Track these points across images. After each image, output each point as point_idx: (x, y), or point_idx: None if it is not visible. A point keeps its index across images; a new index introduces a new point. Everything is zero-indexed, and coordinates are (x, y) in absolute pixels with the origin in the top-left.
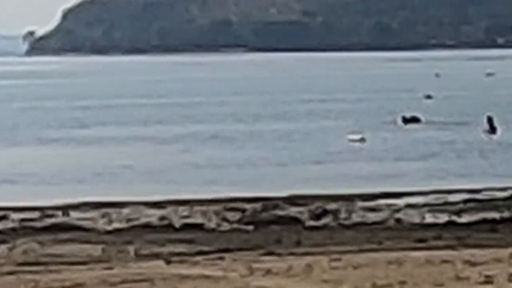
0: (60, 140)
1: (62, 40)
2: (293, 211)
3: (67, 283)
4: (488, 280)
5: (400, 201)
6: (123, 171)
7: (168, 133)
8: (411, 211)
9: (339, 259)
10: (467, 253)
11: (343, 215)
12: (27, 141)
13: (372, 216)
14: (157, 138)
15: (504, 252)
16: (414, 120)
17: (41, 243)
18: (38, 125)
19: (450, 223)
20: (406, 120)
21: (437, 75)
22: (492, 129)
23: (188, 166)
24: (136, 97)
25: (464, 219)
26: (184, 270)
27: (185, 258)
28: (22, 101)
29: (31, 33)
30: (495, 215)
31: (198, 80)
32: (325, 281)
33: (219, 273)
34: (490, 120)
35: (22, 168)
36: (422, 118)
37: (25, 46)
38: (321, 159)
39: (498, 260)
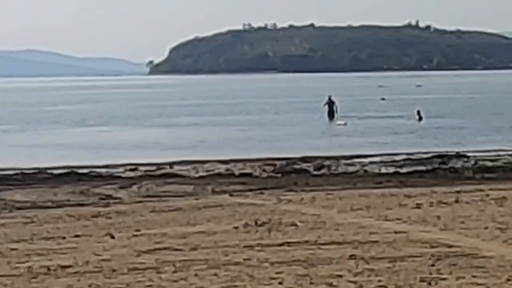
0: (163, 125)
1: (169, 66)
2: (304, 165)
3: (172, 208)
4: (418, 206)
5: (366, 160)
6: (202, 143)
7: (230, 121)
8: (373, 165)
9: (331, 194)
10: (406, 190)
11: (333, 168)
12: (144, 126)
13: (350, 169)
14: (224, 123)
15: (427, 190)
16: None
17: (157, 184)
18: (151, 116)
19: (396, 173)
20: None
21: (383, 86)
22: (420, 118)
23: (242, 139)
24: (210, 98)
25: (404, 170)
26: (240, 199)
27: (241, 193)
28: (142, 102)
29: (151, 62)
30: (422, 168)
31: (248, 89)
32: (323, 206)
33: (261, 202)
34: (418, 112)
35: (143, 141)
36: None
37: (147, 70)
38: (320, 135)
39: (423, 194)
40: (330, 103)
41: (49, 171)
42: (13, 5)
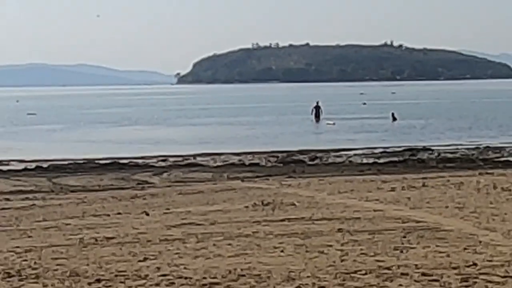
0: (188, 124)
1: (192, 77)
2: (301, 157)
3: (194, 191)
4: (392, 189)
5: (351, 152)
6: (218, 138)
7: (241, 121)
8: (356, 157)
9: (322, 179)
10: (382, 177)
11: (324, 159)
12: (172, 125)
13: (338, 159)
14: (237, 123)
15: (399, 176)
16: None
17: (183, 172)
18: (178, 117)
19: (375, 163)
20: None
21: (364, 93)
22: (394, 119)
23: (250, 136)
24: (225, 103)
25: (381, 160)
26: (249, 184)
27: (250, 179)
28: (171, 106)
29: (178, 73)
30: (396, 159)
31: (255, 96)
32: (316, 190)
33: (266, 186)
34: (393, 114)
35: (171, 137)
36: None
37: (175, 80)
38: (314, 132)
39: (397, 180)
40: (317, 107)
41: (96, 161)
42: (67, 25)
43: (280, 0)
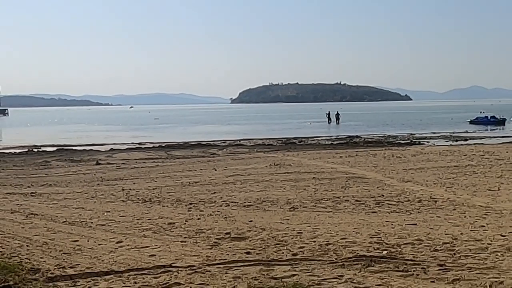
0: (236, 124)
1: (239, 100)
2: (293, 140)
3: (239, 158)
4: (340, 157)
5: (319, 138)
6: (250, 131)
7: (263, 122)
8: (322, 140)
9: (305, 152)
10: (335, 151)
11: (306, 142)
12: (228, 124)
13: (312, 142)
14: (261, 123)
15: (344, 151)
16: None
17: (233, 148)
18: (231, 120)
19: (331, 144)
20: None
21: (323, 109)
22: (337, 121)
23: (268, 130)
24: (255, 114)
25: (335, 142)
26: (267, 154)
27: (268, 152)
28: (227, 115)
29: (231, 98)
30: (342, 141)
31: (270, 110)
32: (301, 157)
33: (276, 155)
34: (337, 116)
35: (228, 131)
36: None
37: (229, 101)
38: (298, 128)
39: (343, 152)
40: (329, 114)
41: (189, 142)
42: (179, 68)
43: (283, 57)
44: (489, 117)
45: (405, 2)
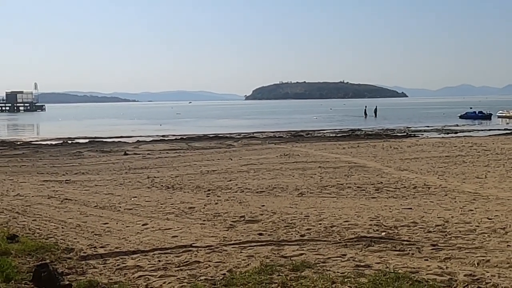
0: (250, 118)
1: (252, 96)
2: (301, 133)
3: (253, 149)
4: (343, 148)
5: (325, 130)
6: (263, 124)
7: (274, 117)
8: (327, 133)
9: (311, 144)
10: (338, 143)
11: (312, 134)
12: (243, 118)
13: (318, 134)
14: (272, 118)
15: (346, 142)
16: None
17: (247, 140)
18: (245, 114)
19: (335, 136)
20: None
21: (322, 104)
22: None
23: (279, 123)
24: (267, 109)
25: (339, 135)
26: (278, 146)
27: (278, 143)
28: (242, 110)
29: (245, 95)
30: (345, 134)
31: (280, 106)
32: (309, 148)
33: (286, 146)
34: (375, 110)
35: (243, 124)
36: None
37: (244, 98)
38: (306, 121)
39: (345, 144)
40: (366, 109)
41: (207, 135)
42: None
43: (293, 58)
44: (477, 112)
45: (399, 12)
